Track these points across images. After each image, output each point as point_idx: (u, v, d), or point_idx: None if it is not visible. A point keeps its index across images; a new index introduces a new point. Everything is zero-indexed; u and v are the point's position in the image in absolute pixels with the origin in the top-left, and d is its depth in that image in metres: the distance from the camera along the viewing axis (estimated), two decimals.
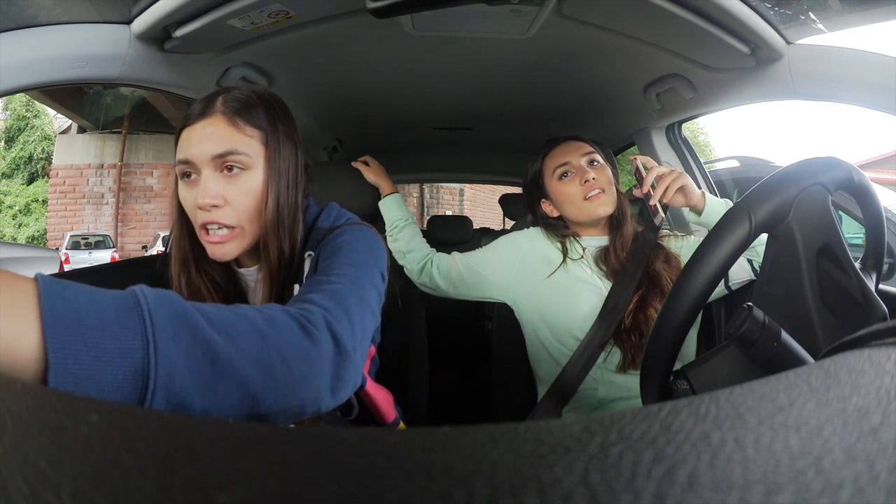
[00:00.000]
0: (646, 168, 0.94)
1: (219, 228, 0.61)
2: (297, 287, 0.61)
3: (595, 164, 1.00)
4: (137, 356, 0.30)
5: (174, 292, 0.36)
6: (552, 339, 0.97)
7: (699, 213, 0.91)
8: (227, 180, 0.61)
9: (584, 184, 0.97)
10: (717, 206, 0.90)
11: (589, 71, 1.15)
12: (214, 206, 0.60)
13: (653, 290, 0.93)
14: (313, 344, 0.41)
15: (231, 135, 0.61)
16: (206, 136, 0.61)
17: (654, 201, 0.90)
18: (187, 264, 0.66)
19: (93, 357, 0.29)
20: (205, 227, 0.61)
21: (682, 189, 0.90)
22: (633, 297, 0.93)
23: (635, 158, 0.96)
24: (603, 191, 0.97)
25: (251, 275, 0.69)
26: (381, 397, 0.74)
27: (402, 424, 0.79)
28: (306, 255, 0.63)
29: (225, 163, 0.61)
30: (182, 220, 0.65)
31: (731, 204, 0.87)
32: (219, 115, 0.62)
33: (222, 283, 0.69)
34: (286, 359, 0.38)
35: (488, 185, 7.75)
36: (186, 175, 0.62)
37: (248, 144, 0.62)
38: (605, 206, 0.97)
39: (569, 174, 0.99)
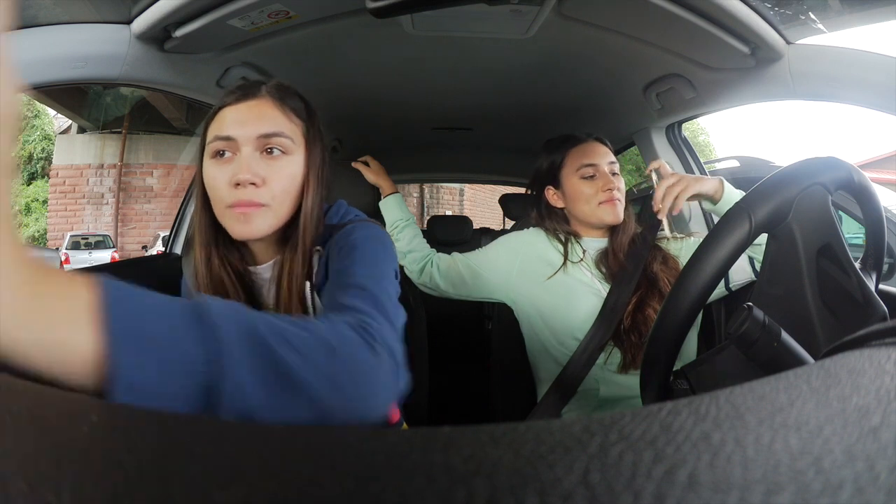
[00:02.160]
0: (659, 176, 0.90)
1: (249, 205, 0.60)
2: (307, 284, 0.61)
3: (615, 174, 1.01)
4: (205, 371, 0.29)
5: (241, 304, 0.35)
6: (552, 339, 0.97)
7: (716, 202, 0.88)
8: (267, 162, 0.61)
9: (605, 191, 0.97)
10: (734, 196, 0.87)
11: (589, 71, 1.15)
12: (253, 183, 0.59)
13: (651, 291, 0.93)
14: (377, 359, 0.40)
15: (278, 118, 0.62)
16: (254, 116, 0.61)
17: (662, 216, 0.87)
18: (210, 253, 0.64)
19: (157, 372, 0.27)
20: (233, 206, 0.59)
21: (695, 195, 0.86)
22: (631, 297, 0.93)
23: (652, 171, 0.92)
24: (620, 200, 0.98)
25: (265, 272, 0.68)
26: None
27: (405, 425, 0.79)
28: (314, 249, 0.63)
29: (268, 144, 0.61)
30: (206, 205, 0.63)
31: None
32: (266, 97, 0.63)
33: (241, 275, 0.66)
34: (353, 374, 0.38)
35: (488, 185, 7.75)
36: (220, 153, 0.61)
37: (293, 131, 0.63)
38: (615, 214, 0.98)
39: (595, 177, 0.99)
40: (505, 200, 2.09)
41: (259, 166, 0.60)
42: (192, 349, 0.29)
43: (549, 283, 0.98)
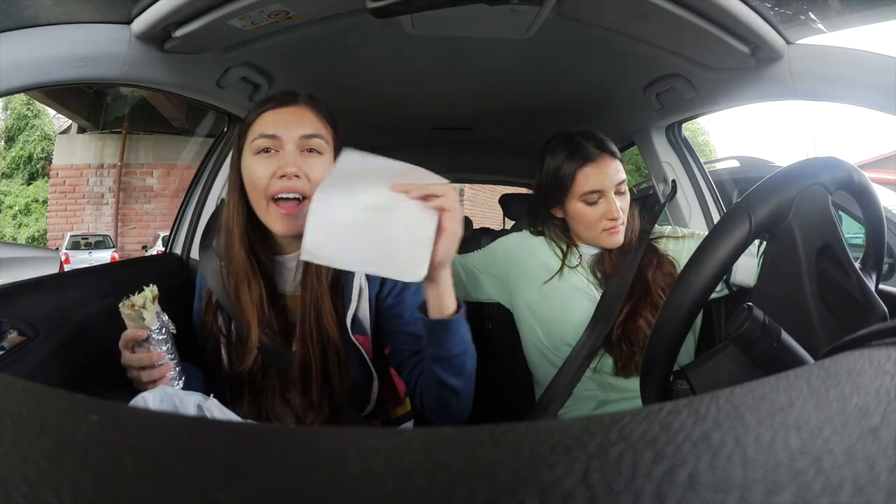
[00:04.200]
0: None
1: (293, 197, 0.68)
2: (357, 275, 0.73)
3: (622, 192, 0.96)
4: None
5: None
6: (547, 342, 0.97)
7: None
8: (305, 159, 0.70)
9: (610, 220, 0.94)
10: None
11: (589, 71, 1.14)
12: (296, 175, 0.68)
13: (643, 300, 0.93)
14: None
15: (316, 122, 0.73)
16: (296, 119, 0.71)
17: None
18: (238, 242, 0.72)
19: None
20: (276, 197, 0.68)
21: None
22: (625, 299, 0.92)
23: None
24: (623, 223, 0.95)
25: (290, 261, 0.76)
26: (400, 383, 0.81)
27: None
28: None
29: (308, 143, 0.71)
30: (242, 197, 0.72)
31: None
32: (305, 104, 0.73)
33: (265, 264, 0.74)
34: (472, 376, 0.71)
35: (488, 185, 7.75)
36: (265, 150, 0.70)
37: (327, 135, 0.73)
38: (618, 238, 0.95)
39: (598, 203, 0.94)
40: (505, 200, 2.09)
41: (300, 161, 0.70)
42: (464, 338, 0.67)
43: (545, 288, 0.97)
